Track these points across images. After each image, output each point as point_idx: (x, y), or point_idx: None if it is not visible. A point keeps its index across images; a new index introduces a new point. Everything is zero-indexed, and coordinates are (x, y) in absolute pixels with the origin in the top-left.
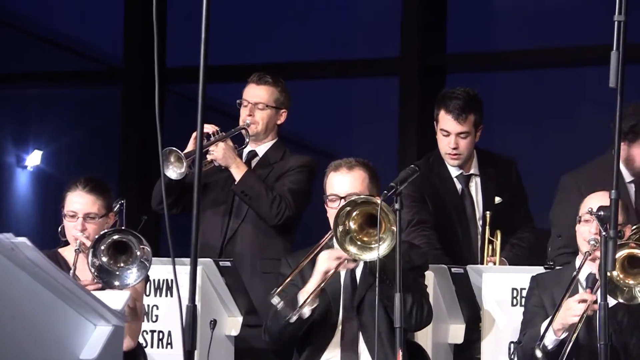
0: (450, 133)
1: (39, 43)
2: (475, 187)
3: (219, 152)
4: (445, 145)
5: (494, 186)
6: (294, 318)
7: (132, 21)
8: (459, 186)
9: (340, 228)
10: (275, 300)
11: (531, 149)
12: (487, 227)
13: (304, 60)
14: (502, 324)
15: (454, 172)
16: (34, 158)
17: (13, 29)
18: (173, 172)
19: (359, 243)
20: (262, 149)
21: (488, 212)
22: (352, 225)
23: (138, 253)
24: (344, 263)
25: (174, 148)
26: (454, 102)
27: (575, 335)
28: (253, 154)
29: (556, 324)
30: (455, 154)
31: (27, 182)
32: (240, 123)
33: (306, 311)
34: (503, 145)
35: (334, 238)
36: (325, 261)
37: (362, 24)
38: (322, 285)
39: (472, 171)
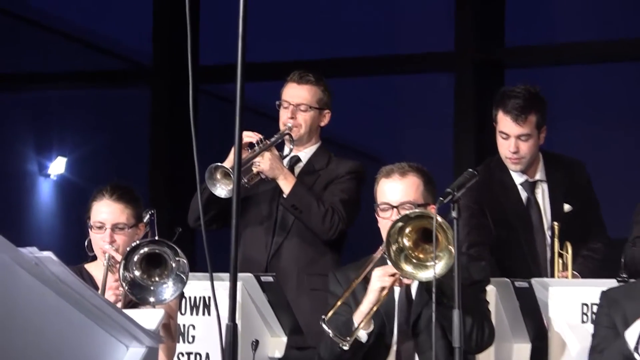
0: (510, 135)
1: (61, 41)
2: (542, 195)
3: (265, 164)
4: (505, 148)
5: (562, 193)
6: (348, 345)
7: (162, 16)
8: (523, 194)
9: (394, 247)
10: (326, 328)
11: (598, 150)
12: (557, 239)
13: (349, 56)
14: (571, 342)
15: (518, 178)
16: (57, 166)
17: (33, 25)
18: (222, 190)
19: (414, 261)
20: (305, 154)
21: (556, 223)
22: (406, 242)
23: (174, 265)
24: (399, 280)
25: (220, 164)
26: (513, 102)
27: None
28: (296, 159)
29: None
30: (516, 158)
31: (50, 192)
32: (281, 126)
33: (362, 335)
34: (567, 146)
35: (387, 258)
36: (379, 279)
37: (413, 16)
38: (377, 305)
39: (537, 177)
